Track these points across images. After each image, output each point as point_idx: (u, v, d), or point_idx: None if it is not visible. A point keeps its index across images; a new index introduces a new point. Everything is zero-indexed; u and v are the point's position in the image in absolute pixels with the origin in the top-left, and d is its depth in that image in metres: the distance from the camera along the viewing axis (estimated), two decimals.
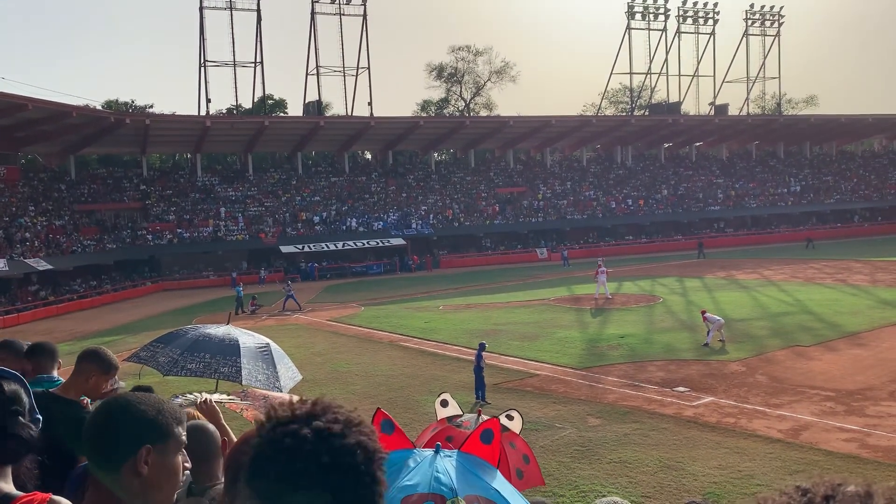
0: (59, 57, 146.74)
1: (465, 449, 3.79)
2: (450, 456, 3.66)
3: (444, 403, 5.61)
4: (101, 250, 48.16)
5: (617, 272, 40.04)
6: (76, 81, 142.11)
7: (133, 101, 76.16)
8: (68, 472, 3.23)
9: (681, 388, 15.70)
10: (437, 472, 3.47)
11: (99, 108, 60.84)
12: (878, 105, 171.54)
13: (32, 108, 42.31)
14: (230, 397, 5.33)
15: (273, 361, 6.11)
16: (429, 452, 3.68)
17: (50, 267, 41.29)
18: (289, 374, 6.29)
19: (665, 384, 16.15)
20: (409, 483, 3.39)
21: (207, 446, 3.06)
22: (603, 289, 31.69)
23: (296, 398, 1.34)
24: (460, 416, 5.90)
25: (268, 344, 6.33)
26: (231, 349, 5.92)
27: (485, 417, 5.19)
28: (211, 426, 3.27)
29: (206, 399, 4.19)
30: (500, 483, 3.69)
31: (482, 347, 16.02)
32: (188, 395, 4.70)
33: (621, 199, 66.94)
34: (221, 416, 4.09)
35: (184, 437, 1.89)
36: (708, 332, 20.35)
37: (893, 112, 76.36)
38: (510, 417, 5.46)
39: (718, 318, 20.72)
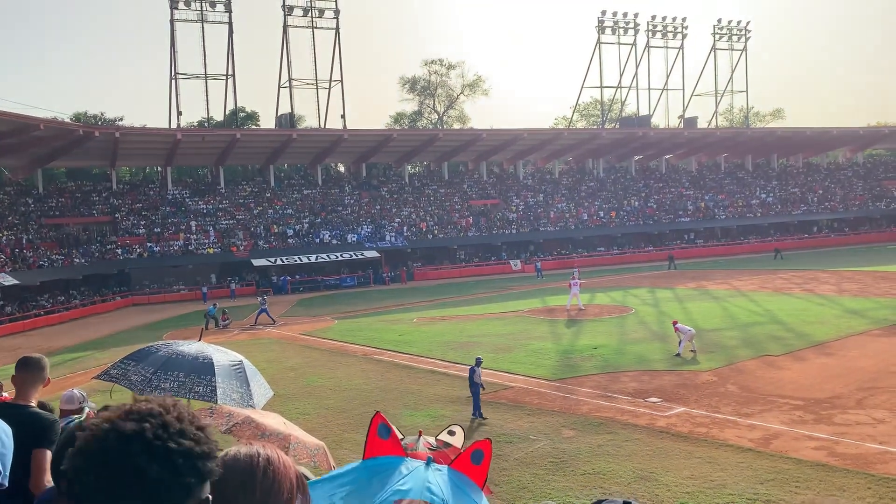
0: (26, 69, 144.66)
1: (456, 466, 3.86)
2: (440, 470, 3.74)
3: None
4: (69, 265, 47.39)
5: (589, 283, 40.34)
6: (44, 94, 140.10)
7: (102, 114, 75.38)
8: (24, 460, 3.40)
9: (653, 399, 15.82)
10: (429, 482, 3.58)
11: (67, 120, 60.05)
12: (843, 118, 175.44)
13: None
14: None
15: (247, 379, 6.04)
16: (420, 463, 3.77)
17: (16, 282, 40.49)
18: (261, 390, 6.24)
19: (638, 395, 16.27)
20: (401, 488, 3.47)
21: None
22: (575, 300, 31.90)
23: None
24: (402, 439, 5.90)
25: (241, 361, 6.26)
26: (205, 368, 5.84)
27: (426, 438, 5.23)
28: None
29: None
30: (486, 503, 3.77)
31: (478, 363, 15.78)
32: None
33: (593, 210, 67.52)
34: None
35: None
36: (679, 343, 20.56)
37: (857, 125, 78.21)
38: (451, 433, 5.47)
39: (690, 328, 20.94)
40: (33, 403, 3.93)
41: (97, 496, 1.20)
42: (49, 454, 3.45)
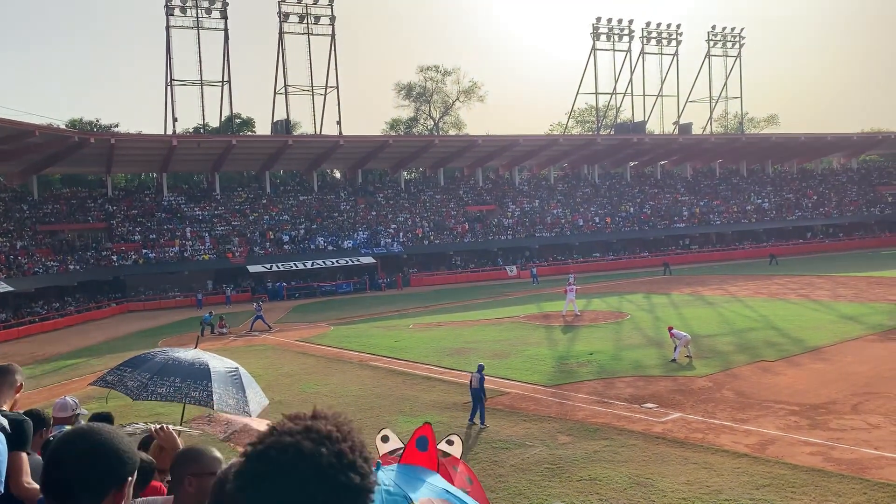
0: (21, 75, 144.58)
1: (405, 460, 3.91)
2: (392, 469, 3.80)
3: (385, 439, 5.60)
4: (64, 271, 47.24)
5: (585, 289, 40.34)
6: (39, 100, 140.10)
7: (98, 121, 75.18)
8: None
9: (649, 405, 15.84)
10: (385, 485, 3.62)
11: (63, 127, 59.96)
12: (837, 124, 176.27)
13: None
14: (188, 428, 5.31)
15: (242, 386, 6.06)
16: None
17: (11, 289, 40.33)
18: (257, 398, 6.24)
19: (634, 400, 16.28)
20: None
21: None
22: (571, 306, 31.91)
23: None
24: (401, 448, 5.88)
25: (237, 368, 6.27)
26: (201, 373, 5.86)
27: None
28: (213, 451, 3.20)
29: (162, 426, 4.21)
30: (443, 483, 3.83)
31: (480, 370, 15.58)
32: (137, 425, 4.70)
33: (589, 216, 67.64)
34: (180, 443, 4.10)
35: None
36: (675, 348, 20.58)
37: (851, 131, 78.47)
38: (450, 443, 5.45)
39: (685, 334, 20.98)
40: (5, 408, 3.96)
41: (261, 499, 1.21)
42: (24, 455, 3.42)
